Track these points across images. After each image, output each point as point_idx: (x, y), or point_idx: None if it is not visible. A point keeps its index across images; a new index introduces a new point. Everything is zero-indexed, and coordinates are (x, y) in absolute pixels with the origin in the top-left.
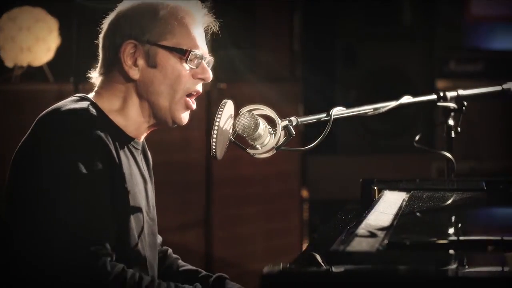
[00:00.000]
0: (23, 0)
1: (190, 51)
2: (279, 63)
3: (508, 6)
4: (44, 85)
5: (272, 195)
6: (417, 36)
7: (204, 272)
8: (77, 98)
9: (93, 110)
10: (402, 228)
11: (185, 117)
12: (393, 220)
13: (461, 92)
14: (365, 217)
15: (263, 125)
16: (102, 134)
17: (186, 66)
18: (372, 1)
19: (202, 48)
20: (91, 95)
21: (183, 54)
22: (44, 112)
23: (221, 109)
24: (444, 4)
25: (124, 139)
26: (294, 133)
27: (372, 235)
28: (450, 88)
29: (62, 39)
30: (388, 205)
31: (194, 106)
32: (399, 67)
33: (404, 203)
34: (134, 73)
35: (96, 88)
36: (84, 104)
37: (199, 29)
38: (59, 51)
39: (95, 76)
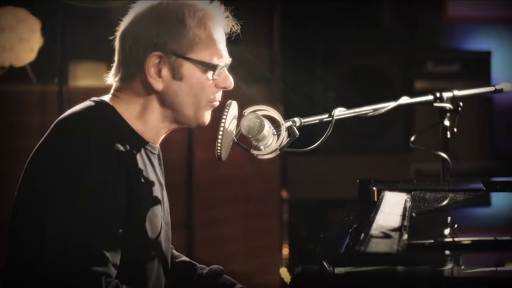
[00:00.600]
0: (6, 0)
1: (218, 65)
2: (259, 63)
3: (484, 7)
4: (27, 86)
5: (252, 196)
6: (395, 37)
7: (198, 265)
8: (94, 103)
9: (111, 118)
10: (416, 229)
11: (208, 117)
12: (402, 221)
13: (457, 92)
14: (373, 218)
15: (267, 126)
16: (120, 146)
17: (210, 76)
18: (351, 3)
19: (225, 56)
20: (107, 98)
21: (211, 68)
22: (61, 118)
23: (226, 110)
24: (422, 5)
25: (142, 145)
26: (297, 134)
27: (386, 236)
28: (428, 88)
29: (46, 39)
30: (392, 206)
31: (216, 104)
32: (378, 68)
33: (408, 204)
34: (158, 85)
35: (112, 91)
36: (102, 111)
37: (221, 34)
38: (43, 51)
39: (111, 79)
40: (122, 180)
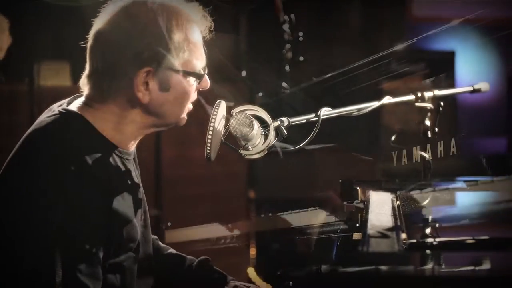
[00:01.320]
0: None
1: (204, 74)
2: (226, 62)
3: (449, 8)
4: None
5: (220, 196)
6: (360, 37)
7: (188, 257)
8: (60, 116)
9: (81, 130)
10: (411, 228)
11: (185, 118)
12: (395, 220)
13: (437, 92)
14: (366, 217)
15: (256, 125)
16: (89, 158)
17: (192, 82)
18: (318, 2)
19: (204, 58)
20: (76, 106)
21: (198, 77)
22: (29, 133)
23: (215, 110)
24: (387, 5)
25: (116, 154)
26: (286, 133)
27: (383, 235)
28: (393, 88)
29: (15, 39)
30: (380, 206)
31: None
32: (345, 68)
33: (396, 203)
34: (145, 98)
35: (85, 100)
36: (71, 124)
37: (200, 35)
38: (12, 51)
39: (85, 86)
40: (96, 195)
